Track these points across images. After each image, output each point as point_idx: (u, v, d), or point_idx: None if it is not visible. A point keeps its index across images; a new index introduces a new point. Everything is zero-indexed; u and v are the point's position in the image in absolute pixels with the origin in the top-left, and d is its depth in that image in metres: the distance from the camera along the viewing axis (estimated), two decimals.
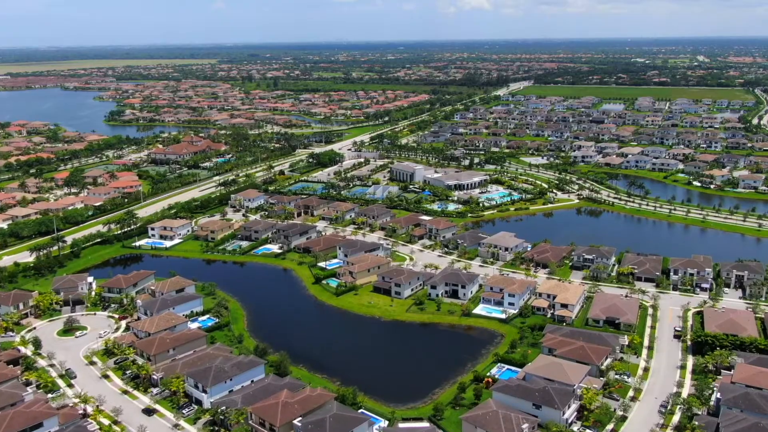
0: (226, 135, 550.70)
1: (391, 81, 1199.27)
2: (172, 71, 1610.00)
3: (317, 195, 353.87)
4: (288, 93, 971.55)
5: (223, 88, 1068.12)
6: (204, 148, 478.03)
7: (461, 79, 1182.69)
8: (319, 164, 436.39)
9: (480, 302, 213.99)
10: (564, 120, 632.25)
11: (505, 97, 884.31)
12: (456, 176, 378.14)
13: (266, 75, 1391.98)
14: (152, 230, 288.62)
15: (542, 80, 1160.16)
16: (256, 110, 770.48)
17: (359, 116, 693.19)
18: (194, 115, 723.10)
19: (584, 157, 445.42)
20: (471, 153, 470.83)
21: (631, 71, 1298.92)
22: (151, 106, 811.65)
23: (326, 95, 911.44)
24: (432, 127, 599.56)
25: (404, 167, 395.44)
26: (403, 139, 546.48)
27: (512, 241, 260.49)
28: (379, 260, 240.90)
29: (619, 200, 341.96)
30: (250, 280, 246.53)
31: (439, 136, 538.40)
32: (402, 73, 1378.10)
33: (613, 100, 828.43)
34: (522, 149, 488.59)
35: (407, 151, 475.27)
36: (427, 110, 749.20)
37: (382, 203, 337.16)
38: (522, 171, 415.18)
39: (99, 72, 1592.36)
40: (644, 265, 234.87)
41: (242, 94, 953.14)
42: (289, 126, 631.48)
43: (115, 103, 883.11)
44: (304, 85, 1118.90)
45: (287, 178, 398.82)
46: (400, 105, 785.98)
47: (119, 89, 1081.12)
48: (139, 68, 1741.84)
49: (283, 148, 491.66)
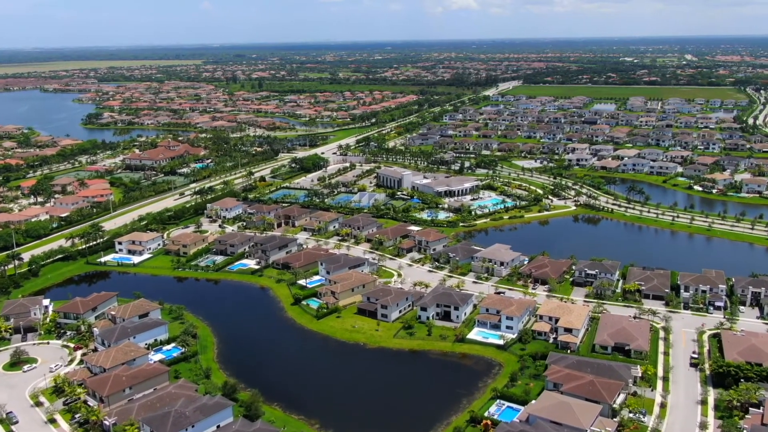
0: (205, 139, 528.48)
1: (379, 81, 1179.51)
2: (155, 72, 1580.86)
3: (299, 203, 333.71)
4: (273, 94, 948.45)
5: (207, 89, 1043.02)
6: (182, 153, 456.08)
7: (449, 79, 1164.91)
8: (302, 169, 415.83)
9: (475, 325, 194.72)
10: (556, 121, 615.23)
11: (495, 97, 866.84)
12: (446, 182, 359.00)
13: (251, 76, 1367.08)
14: (119, 245, 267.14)
15: (531, 80, 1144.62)
16: (240, 112, 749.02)
17: (345, 118, 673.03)
18: (174, 118, 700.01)
19: (579, 160, 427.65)
20: (461, 156, 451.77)
21: (620, 70, 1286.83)
22: (130, 109, 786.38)
23: (312, 96, 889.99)
24: (421, 129, 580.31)
25: (391, 173, 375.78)
26: (391, 141, 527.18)
27: (508, 254, 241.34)
28: (364, 278, 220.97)
29: (619, 207, 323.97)
30: (223, 300, 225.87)
31: (427, 139, 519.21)
32: (389, 74, 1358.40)
33: (604, 100, 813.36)
34: (514, 152, 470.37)
35: (395, 155, 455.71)
36: (415, 111, 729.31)
37: (368, 212, 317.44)
38: (515, 175, 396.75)
39: (81, 74, 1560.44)
40: (651, 281, 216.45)
41: (225, 96, 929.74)
42: (273, 129, 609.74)
43: (94, 105, 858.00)
44: (289, 86, 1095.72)
45: (268, 185, 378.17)
46: (387, 106, 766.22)
47: (99, 91, 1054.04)
48: (122, 69, 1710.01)
49: (265, 152, 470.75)
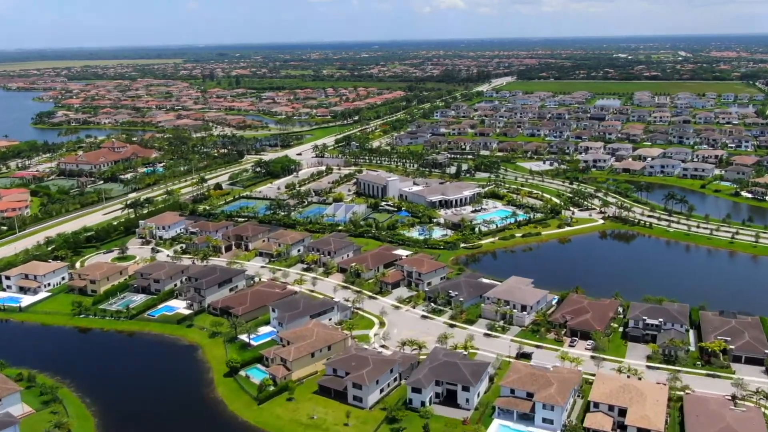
0: (161, 139, 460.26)
1: (364, 78, 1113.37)
2: (130, 71, 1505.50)
3: (257, 219, 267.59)
4: (250, 91, 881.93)
5: (180, 86, 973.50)
6: (128, 155, 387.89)
7: (439, 76, 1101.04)
8: (269, 174, 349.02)
9: (494, 414, 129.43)
10: (560, 117, 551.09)
11: (489, 93, 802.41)
12: (441, 189, 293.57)
13: (230, 74, 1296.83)
14: (7, 279, 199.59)
15: (525, 76, 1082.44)
16: (210, 110, 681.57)
17: (326, 115, 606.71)
18: (136, 116, 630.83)
19: (596, 161, 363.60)
20: (457, 158, 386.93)
21: (617, 66, 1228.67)
22: (89, 107, 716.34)
23: (291, 93, 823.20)
24: (409, 127, 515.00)
25: (374, 178, 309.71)
26: (375, 141, 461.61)
27: (531, 294, 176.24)
28: (329, 336, 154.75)
29: (658, 220, 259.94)
30: (131, 367, 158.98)
31: (417, 138, 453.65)
32: (376, 70, 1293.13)
33: (606, 95, 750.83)
34: (517, 152, 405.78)
35: (379, 156, 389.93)
36: (402, 108, 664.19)
37: (344, 229, 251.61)
38: (523, 180, 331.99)
39: (51, 72, 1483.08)
40: (740, 335, 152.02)
41: (198, 93, 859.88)
42: (243, 127, 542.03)
43: (53, 104, 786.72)
44: (269, 83, 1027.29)
45: (224, 194, 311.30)
46: (372, 102, 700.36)
47: (65, 89, 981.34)
48: (97, 68, 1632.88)
49: (228, 154, 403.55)
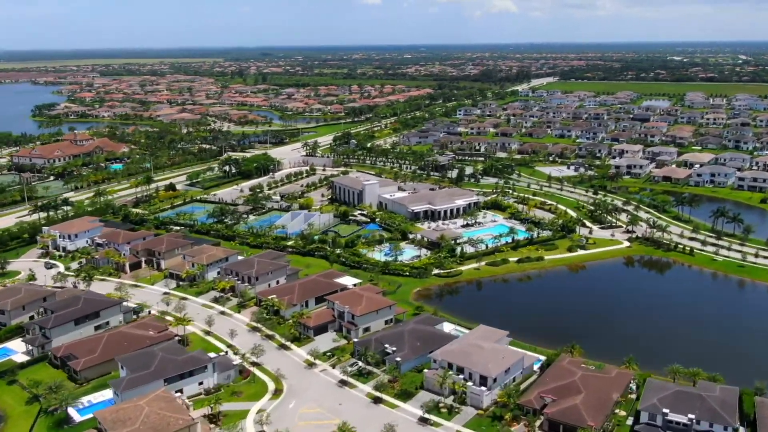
0: (139, 133, 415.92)
1: (398, 77, 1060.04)
2: (166, 67, 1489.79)
3: (193, 228, 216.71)
4: (273, 88, 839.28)
5: (203, 82, 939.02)
6: (91, 149, 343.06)
7: (476, 75, 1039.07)
8: (240, 174, 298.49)
9: None
10: (597, 117, 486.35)
11: (524, 92, 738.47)
12: (428, 197, 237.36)
13: (263, 71, 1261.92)
14: None
15: (568, 76, 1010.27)
16: (222, 105, 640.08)
17: (339, 112, 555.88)
18: (140, 110, 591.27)
19: (631, 167, 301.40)
20: (465, 160, 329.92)
21: (670, 68, 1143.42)
22: (97, 100, 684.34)
23: (313, 90, 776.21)
24: (424, 125, 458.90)
25: (351, 182, 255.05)
26: (382, 139, 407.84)
27: (496, 358, 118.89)
28: (163, 421, 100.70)
29: (702, 245, 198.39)
30: None
31: (427, 137, 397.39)
32: (413, 70, 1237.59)
33: (655, 96, 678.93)
34: (539, 154, 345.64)
35: (376, 156, 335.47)
36: (425, 106, 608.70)
37: (294, 246, 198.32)
38: (537, 187, 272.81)
39: (88, 68, 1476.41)
40: None
41: (217, 89, 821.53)
42: (244, 123, 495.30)
43: (67, 96, 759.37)
44: (296, 80, 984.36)
45: (174, 196, 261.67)
46: (395, 99, 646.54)
47: (89, 83, 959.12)
48: (136, 65, 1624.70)
49: (204, 150, 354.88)
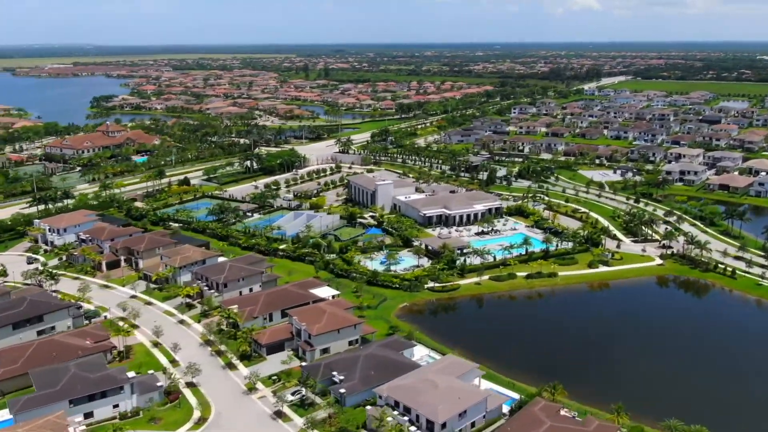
0: (179, 125, 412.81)
1: (463, 74, 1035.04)
2: (238, 63, 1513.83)
3: (189, 226, 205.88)
4: (332, 83, 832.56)
5: (265, 77, 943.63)
6: (121, 141, 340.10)
7: (544, 73, 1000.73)
8: (262, 170, 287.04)
9: None
10: (662, 118, 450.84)
11: (590, 91, 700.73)
12: (444, 200, 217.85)
13: (330, 67, 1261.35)
14: None
15: (643, 75, 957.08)
16: (276, 99, 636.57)
17: (389, 108, 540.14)
18: (193, 103, 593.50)
19: (684, 172, 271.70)
20: (502, 161, 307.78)
21: (757, 67, 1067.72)
22: (156, 93, 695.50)
23: (371, 85, 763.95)
24: (472, 123, 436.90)
25: (365, 182, 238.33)
26: (423, 137, 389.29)
27: (450, 393, 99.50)
28: None
29: (747, 265, 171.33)
30: None
31: (470, 135, 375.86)
32: (480, 67, 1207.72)
33: (734, 97, 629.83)
34: (587, 157, 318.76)
35: (408, 154, 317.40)
36: (480, 103, 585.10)
37: (285, 250, 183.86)
38: (573, 193, 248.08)
39: (163, 63, 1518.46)
40: None
41: (276, 83, 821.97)
42: (290, 117, 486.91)
43: (130, 89, 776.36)
44: (358, 76, 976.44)
45: (185, 191, 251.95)
46: (450, 96, 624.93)
47: (157, 77, 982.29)
48: (209, 60, 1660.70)
49: (237, 144, 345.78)
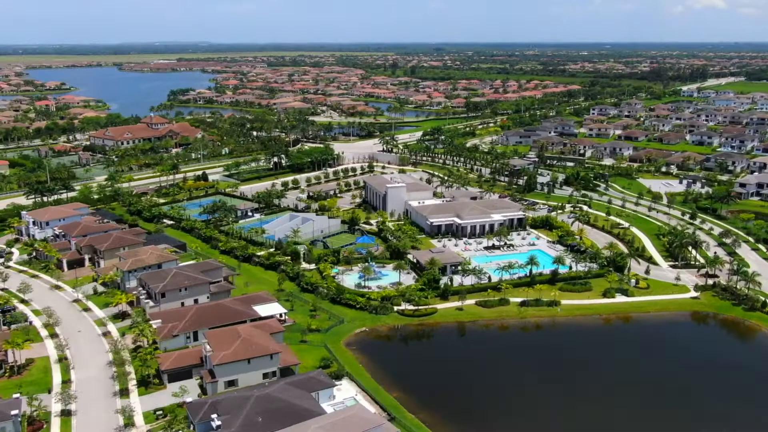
0: (233, 118, 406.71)
1: (556, 73, 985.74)
2: (332, 60, 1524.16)
3: (184, 225, 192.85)
4: (414, 80, 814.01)
5: (350, 74, 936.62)
6: (163, 133, 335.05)
7: (643, 73, 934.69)
8: (291, 168, 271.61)
9: None
10: (761, 123, 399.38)
11: (688, 92, 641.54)
12: (457, 208, 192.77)
13: (421, 65, 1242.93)
14: None
15: (756, 77, 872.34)
16: (350, 95, 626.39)
17: (459, 106, 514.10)
18: (266, 98, 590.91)
19: (763, 185, 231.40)
20: (553, 165, 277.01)
21: None
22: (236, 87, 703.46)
23: (452, 83, 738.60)
24: (542, 123, 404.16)
25: (378, 184, 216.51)
26: (481, 137, 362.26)
27: None
28: None
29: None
30: None
31: (529, 137, 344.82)
32: (578, 66, 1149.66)
33: None
34: (655, 163, 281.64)
35: (449, 155, 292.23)
36: (560, 102, 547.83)
37: (264, 254, 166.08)
38: (619, 205, 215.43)
39: (259, 59, 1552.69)
40: None
41: (357, 80, 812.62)
42: (352, 114, 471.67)
43: (214, 84, 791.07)
44: (444, 73, 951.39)
45: (197, 187, 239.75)
46: (530, 95, 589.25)
47: (244, 72, 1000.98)
48: (304, 57, 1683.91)
49: (277, 139, 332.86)
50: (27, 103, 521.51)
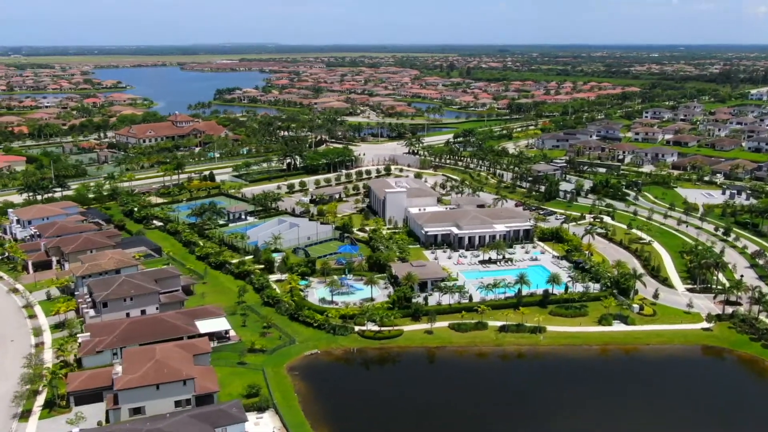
0: (253, 119, 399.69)
1: (618, 75, 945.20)
2: (391, 61, 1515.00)
3: (171, 227, 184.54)
4: (467, 81, 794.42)
5: (403, 74, 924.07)
6: (188, 132, 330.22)
7: (713, 75, 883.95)
8: (305, 169, 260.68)
9: None
10: None
11: (758, 95, 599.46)
12: (455, 217, 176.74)
13: (480, 66, 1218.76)
14: None
15: None
16: (396, 96, 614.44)
17: (504, 108, 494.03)
18: (310, 97, 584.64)
19: None
20: (584, 171, 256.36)
21: None
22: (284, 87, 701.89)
23: (504, 84, 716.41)
24: (587, 126, 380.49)
25: (379, 188, 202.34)
26: (517, 141, 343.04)
27: None
28: None
29: None
30: None
31: (567, 140, 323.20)
32: (645, 68, 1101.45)
33: None
34: (699, 171, 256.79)
35: (474, 158, 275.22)
36: (613, 104, 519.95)
37: (237, 262, 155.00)
38: (645, 216, 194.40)
39: (317, 60, 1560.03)
40: None
41: (408, 80, 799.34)
42: (392, 114, 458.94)
43: (265, 83, 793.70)
44: (499, 75, 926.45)
45: (200, 187, 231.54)
46: (582, 97, 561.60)
47: (299, 72, 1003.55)
48: (364, 58, 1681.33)
49: (301, 140, 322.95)
50: (76, 101, 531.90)
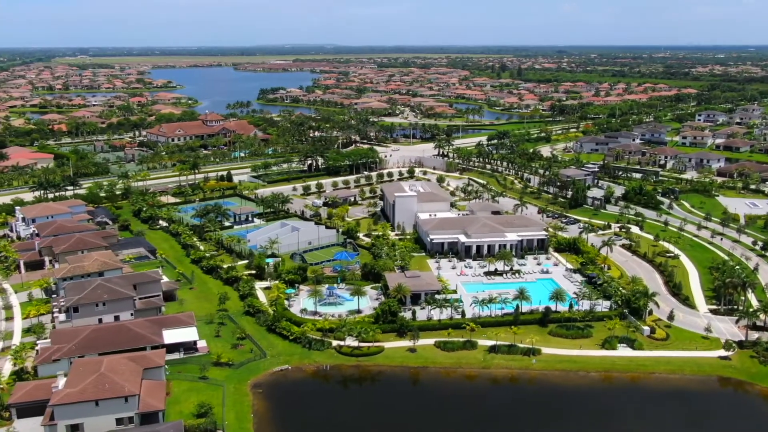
0: (286, 119, 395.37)
1: (677, 76, 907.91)
2: (444, 61, 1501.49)
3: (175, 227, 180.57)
4: (516, 82, 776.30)
5: (451, 75, 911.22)
6: (216, 130, 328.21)
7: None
8: (327, 171, 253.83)
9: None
10: None
11: None
12: (463, 224, 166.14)
13: (534, 67, 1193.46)
14: None
15: None
16: (440, 97, 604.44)
17: (547, 110, 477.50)
18: (351, 97, 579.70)
19: None
20: (620, 176, 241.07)
21: None
22: (329, 86, 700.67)
23: (553, 85, 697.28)
24: (633, 129, 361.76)
25: (391, 192, 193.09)
26: (554, 144, 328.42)
27: None
28: None
29: None
30: None
31: (606, 144, 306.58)
32: (707, 69, 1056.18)
33: None
34: (746, 178, 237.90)
35: (501, 161, 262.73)
36: (665, 106, 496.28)
37: (228, 267, 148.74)
38: (676, 226, 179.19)
39: (369, 61, 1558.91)
40: None
41: (456, 81, 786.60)
42: (431, 115, 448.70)
43: (312, 82, 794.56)
44: (551, 76, 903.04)
45: (215, 188, 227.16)
46: (633, 99, 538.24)
47: (348, 72, 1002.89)
48: (416, 60, 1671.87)
49: (328, 140, 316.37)
50: (123, 100, 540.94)
